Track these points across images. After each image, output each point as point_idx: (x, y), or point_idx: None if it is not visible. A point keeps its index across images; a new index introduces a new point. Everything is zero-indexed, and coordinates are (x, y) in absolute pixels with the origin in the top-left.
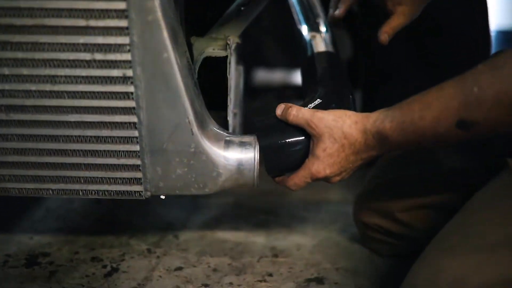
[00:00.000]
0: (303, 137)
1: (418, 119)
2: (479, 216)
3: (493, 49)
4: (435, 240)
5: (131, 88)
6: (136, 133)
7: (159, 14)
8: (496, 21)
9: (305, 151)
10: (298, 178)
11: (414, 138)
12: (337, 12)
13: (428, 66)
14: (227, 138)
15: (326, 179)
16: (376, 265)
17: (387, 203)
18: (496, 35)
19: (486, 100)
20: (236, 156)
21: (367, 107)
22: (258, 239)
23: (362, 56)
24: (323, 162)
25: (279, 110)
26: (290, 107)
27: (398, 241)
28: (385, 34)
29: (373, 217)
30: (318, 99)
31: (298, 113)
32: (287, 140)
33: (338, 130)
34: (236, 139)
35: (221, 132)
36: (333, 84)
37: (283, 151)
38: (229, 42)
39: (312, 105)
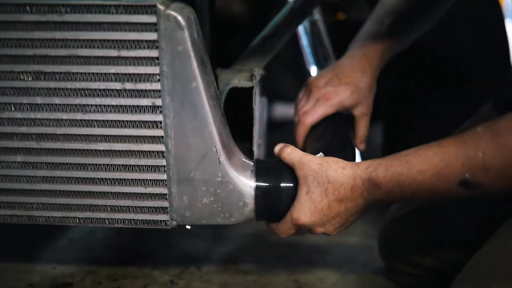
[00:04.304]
0: (296, 185)
1: (416, 173)
2: (510, 243)
3: None
4: (465, 269)
5: (159, 117)
6: (163, 162)
7: (188, 44)
8: None
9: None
10: (282, 225)
11: (410, 191)
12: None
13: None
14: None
15: (309, 228)
16: None
17: (414, 235)
18: None
19: (493, 167)
20: None
21: (388, 138)
22: (281, 272)
23: (382, 89)
24: (304, 205)
25: (277, 148)
26: (286, 146)
27: (426, 273)
28: (361, 144)
29: (399, 248)
30: (321, 153)
31: (292, 152)
32: (279, 185)
33: (323, 173)
34: None
35: (248, 161)
36: (336, 137)
37: (274, 194)
38: (254, 74)
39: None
